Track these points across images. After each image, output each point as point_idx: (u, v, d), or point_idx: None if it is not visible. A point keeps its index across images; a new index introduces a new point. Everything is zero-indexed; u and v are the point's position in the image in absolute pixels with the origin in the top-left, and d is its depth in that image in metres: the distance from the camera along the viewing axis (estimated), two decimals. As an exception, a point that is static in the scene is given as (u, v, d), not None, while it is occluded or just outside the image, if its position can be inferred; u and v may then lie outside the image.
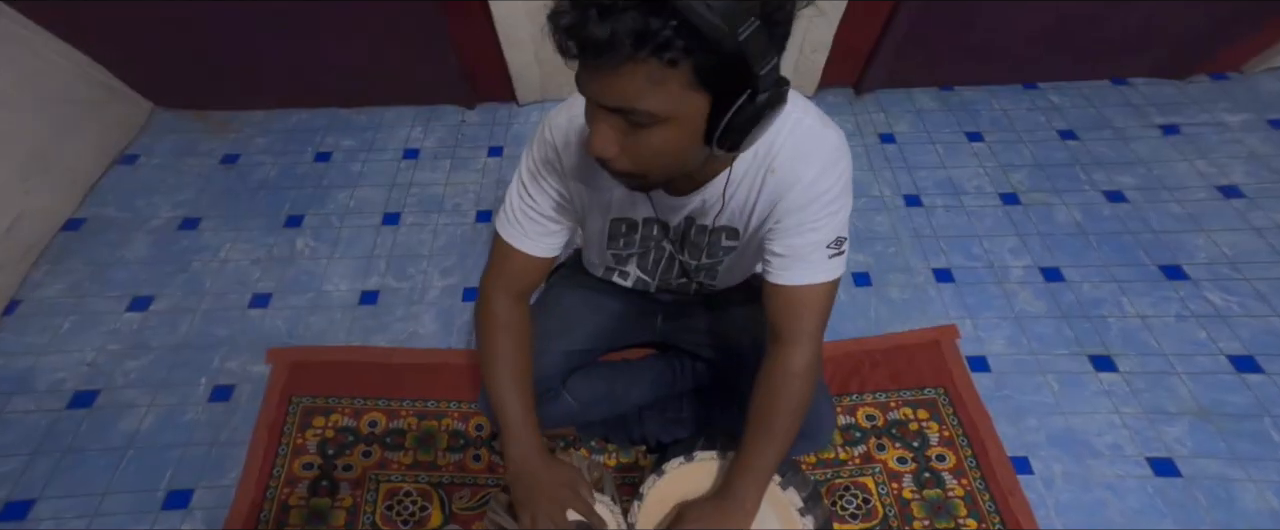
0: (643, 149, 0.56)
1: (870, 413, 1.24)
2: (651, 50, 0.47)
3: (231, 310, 1.42)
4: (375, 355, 1.32)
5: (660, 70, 0.48)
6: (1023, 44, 1.68)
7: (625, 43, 0.46)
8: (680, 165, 0.61)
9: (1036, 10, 1.58)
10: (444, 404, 1.24)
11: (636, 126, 0.54)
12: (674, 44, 0.47)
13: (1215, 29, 1.65)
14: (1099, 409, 1.23)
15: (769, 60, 0.49)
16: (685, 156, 0.59)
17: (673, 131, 0.54)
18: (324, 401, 1.25)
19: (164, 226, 1.58)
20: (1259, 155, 1.63)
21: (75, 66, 1.58)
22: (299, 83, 1.76)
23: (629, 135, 0.55)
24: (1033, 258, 1.47)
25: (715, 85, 0.51)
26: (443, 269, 1.49)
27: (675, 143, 0.56)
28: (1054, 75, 1.82)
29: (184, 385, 1.29)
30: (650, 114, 0.52)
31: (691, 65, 0.49)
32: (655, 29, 0.46)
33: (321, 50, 1.63)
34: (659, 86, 0.50)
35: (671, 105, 0.51)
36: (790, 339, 0.75)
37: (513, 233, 0.81)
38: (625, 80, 0.49)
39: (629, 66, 0.48)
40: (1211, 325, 1.32)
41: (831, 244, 0.72)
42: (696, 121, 0.54)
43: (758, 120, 0.54)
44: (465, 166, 1.71)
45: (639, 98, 0.50)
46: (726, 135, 0.54)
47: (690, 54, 0.48)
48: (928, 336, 1.34)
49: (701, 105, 0.53)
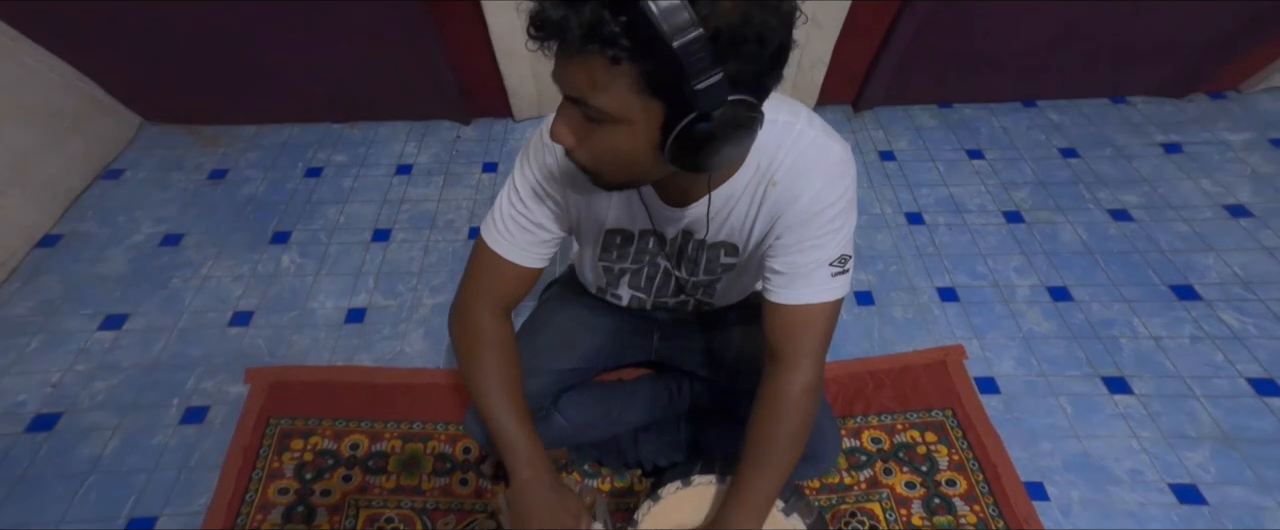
0: (596, 145, 0.55)
1: (876, 435, 1.18)
2: (599, 45, 0.46)
3: (210, 329, 1.36)
4: (359, 375, 1.26)
5: (607, 67, 0.47)
6: (1020, 60, 1.68)
7: (575, 32, 0.45)
8: (636, 171, 0.58)
9: (1034, 25, 1.57)
10: (430, 426, 1.18)
11: (590, 120, 0.53)
12: (619, 42, 0.45)
13: (1211, 48, 1.65)
14: (1116, 433, 1.17)
15: (710, 76, 0.45)
16: (638, 162, 0.56)
17: (623, 134, 0.53)
18: (303, 423, 1.18)
19: (145, 243, 1.53)
20: (1263, 175, 1.61)
21: (63, 79, 1.56)
22: (292, 98, 1.74)
23: (585, 128, 0.54)
24: (1039, 277, 1.43)
25: (667, 95, 0.49)
26: (433, 286, 1.45)
27: (626, 146, 0.54)
28: (1053, 93, 1.82)
29: (154, 407, 1.22)
30: (598, 110, 0.51)
31: (638, 68, 0.47)
32: (604, 22, 0.45)
33: (316, 65, 1.62)
34: (607, 83, 0.49)
35: (619, 106, 0.50)
36: (790, 361, 0.71)
37: (500, 241, 0.76)
38: (578, 71, 0.49)
39: (581, 57, 0.48)
40: (1228, 347, 1.28)
41: (835, 262, 0.68)
42: (650, 129, 0.52)
43: (709, 141, 0.51)
44: (459, 182, 1.68)
45: (588, 91, 0.50)
46: (677, 151, 0.52)
47: (634, 56, 0.46)
48: (934, 357, 1.29)
49: (655, 113, 0.51)
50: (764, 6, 0.46)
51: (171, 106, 1.77)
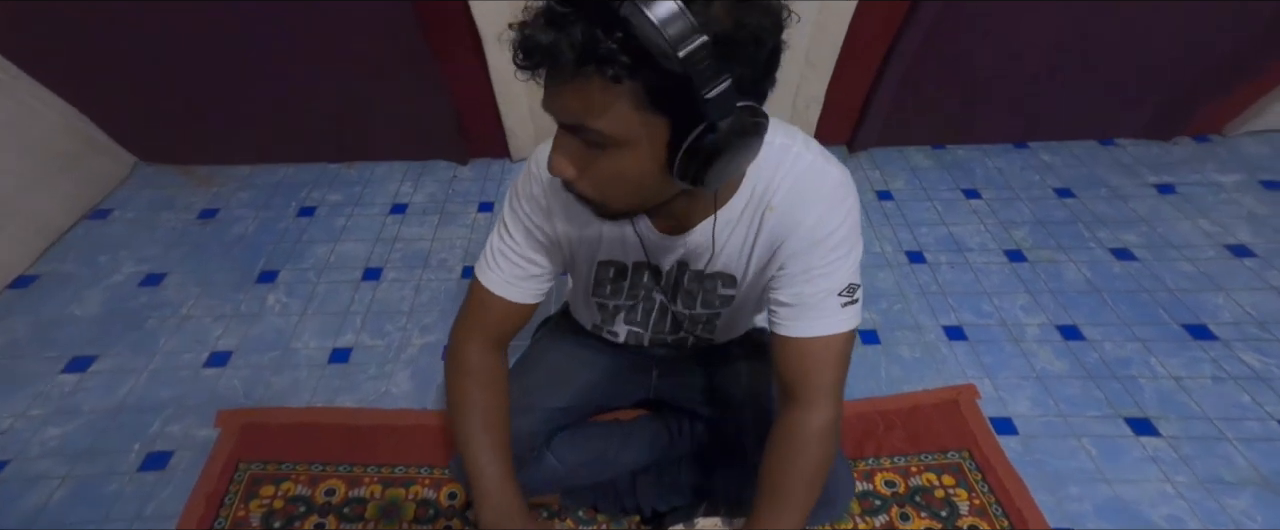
0: (600, 173, 0.53)
1: (890, 478, 1.10)
2: (596, 65, 0.44)
3: (183, 370, 1.29)
4: (339, 416, 1.18)
5: (606, 88, 0.45)
6: (1009, 101, 1.71)
7: (568, 54, 0.43)
8: (643, 194, 0.56)
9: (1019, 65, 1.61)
10: (414, 470, 1.10)
11: (592, 147, 0.51)
12: (618, 59, 0.43)
13: (1193, 89, 1.69)
14: (1148, 477, 1.10)
15: (718, 82, 0.44)
16: (646, 185, 0.54)
17: (629, 156, 0.50)
18: (276, 467, 1.10)
19: (124, 283, 1.48)
20: (1260, 215, 1.61)
21: (59, 117, 1.55)
22: (290, 138, 1.74)
23: (586, 157, 0.52)
24: (1047, 315, 1.40)
25: (671, 109, 0.47)
26: (423, 325, 1.39)
27: (633, 169, 0.51)
28: (1043, 135, 1.85)
29: (112, 453, 1.13)
30: (600, 134, 0.48)
31: (640, 84, 0.45)
32: (598, 41, 0.43)
33: (314, 105, 1.63)
34: (606, 105, 0.47)
35: (622, 127, 0.48)
36: (806, 397, 0.67)
37: (491, 276, 0.74)
38: (573, 96, 0.47)
39: (576, 82, 0.46)
40: (1254, 388, 1.23)
41: (843, 291, 0.65)
42: (655, 148, 0.50)
43: (720, 152, 0.48)
44: (454, 221, 1.65)
45: (587, 116, 0.48)
46: (687, 166, 0.49)
47: (635, 71, 0.44)
48: (945, 396, 1.23)
49: (660, 130, 0.49)
50: (754, 7, 0.45)
51: (168, 146, 1.76)
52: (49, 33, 1.40)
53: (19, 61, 1.44)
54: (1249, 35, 1.53)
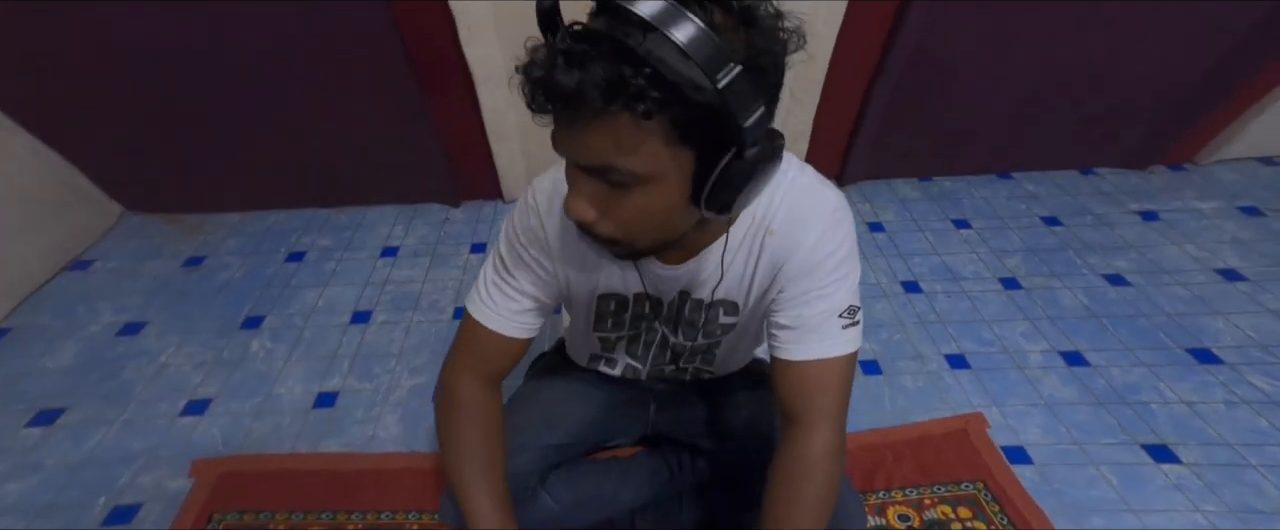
0: (625, 212, 0.51)
1: (903, 512, 1.05)
2: (624, 103, 0.42)
3: (158, 419, 1.23)
4: (323, 462, 1.12)
5: (635, 125, 0.44)
6: (990, 133, 1.75)
7: (594, 94, 0.42)
8: (668, 229, 0.55)
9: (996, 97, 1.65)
10: (401, 515, 1.03)
11: (617, 187, 0.49)
12: (647, 95, 0.42)
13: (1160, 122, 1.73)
14: (1176, 506, 1.06)
15: (754, 110, 0.43)
16: (672, 219, 0.53)
17: (656, 192, 0.49)
18: (252, 518, 1.03)
19: (101, 333, 1.43)
20: (1244, 240, 1.63)
21: (45, 166, 1.54)
22: (280, 184, 1.73)
23: (609, 197, 0.50)
24: (1049, 342, 1.38)
25: (699, 140, 0.47)
26: (412, 367, 1.34)
27: (660, 204, 0.50)
28: (1025, 165, 1.89)
29: (73, 508, 1.06)
30: (629, 173, 0.47)
31: (669, 118, 0.44)
32: (626, 79, 0.41)
33: (305, 151, 1.63)
34: (636, 142, 0.45)
35: (651, 163, 0.47)
36: (808, 422, 0.64)
37: (483, 310, 0.72)
38: (599, 136, 0.45)
39: (602, 121, 0.44)
40: (1269, 413, 1.20)
41: (844, 313, 0.64)
42: (682, 180, 0.49)
43: (749, 177, 0.48)
44: (445, 263, 1.63)
45: (615, 155, 0.46)
46: (716, 195, 0.49)
47: (666, 106, 0.43)
48: (954, 425, 1.19)
49: (686, 162, 0.48)
50: (762, 33, 0.46)
51: (154, 196, 1.75)
52: (36, 80, 1.40)
53: (4, 108, 1.44)
54: (1204, 68, 1.59)
